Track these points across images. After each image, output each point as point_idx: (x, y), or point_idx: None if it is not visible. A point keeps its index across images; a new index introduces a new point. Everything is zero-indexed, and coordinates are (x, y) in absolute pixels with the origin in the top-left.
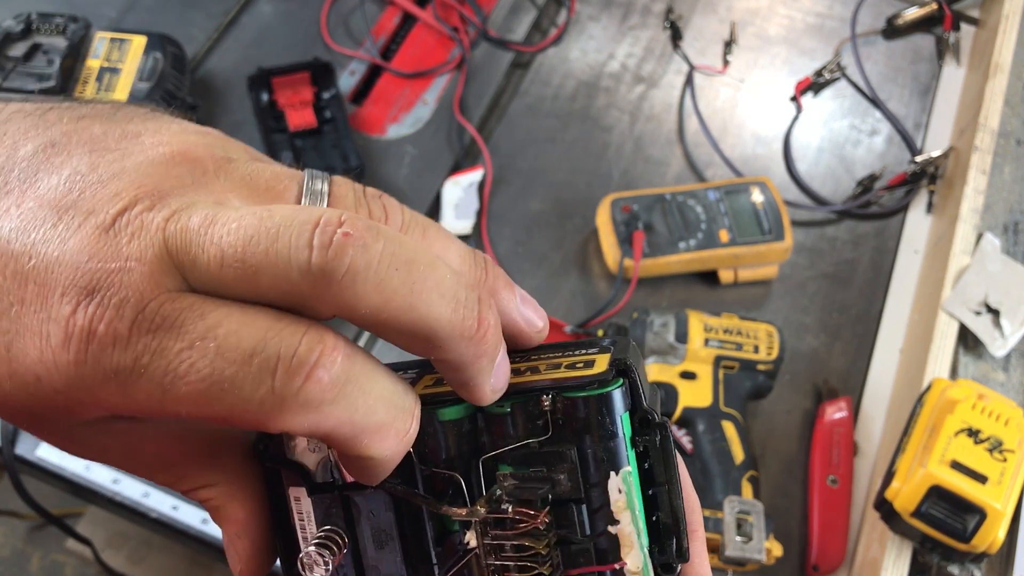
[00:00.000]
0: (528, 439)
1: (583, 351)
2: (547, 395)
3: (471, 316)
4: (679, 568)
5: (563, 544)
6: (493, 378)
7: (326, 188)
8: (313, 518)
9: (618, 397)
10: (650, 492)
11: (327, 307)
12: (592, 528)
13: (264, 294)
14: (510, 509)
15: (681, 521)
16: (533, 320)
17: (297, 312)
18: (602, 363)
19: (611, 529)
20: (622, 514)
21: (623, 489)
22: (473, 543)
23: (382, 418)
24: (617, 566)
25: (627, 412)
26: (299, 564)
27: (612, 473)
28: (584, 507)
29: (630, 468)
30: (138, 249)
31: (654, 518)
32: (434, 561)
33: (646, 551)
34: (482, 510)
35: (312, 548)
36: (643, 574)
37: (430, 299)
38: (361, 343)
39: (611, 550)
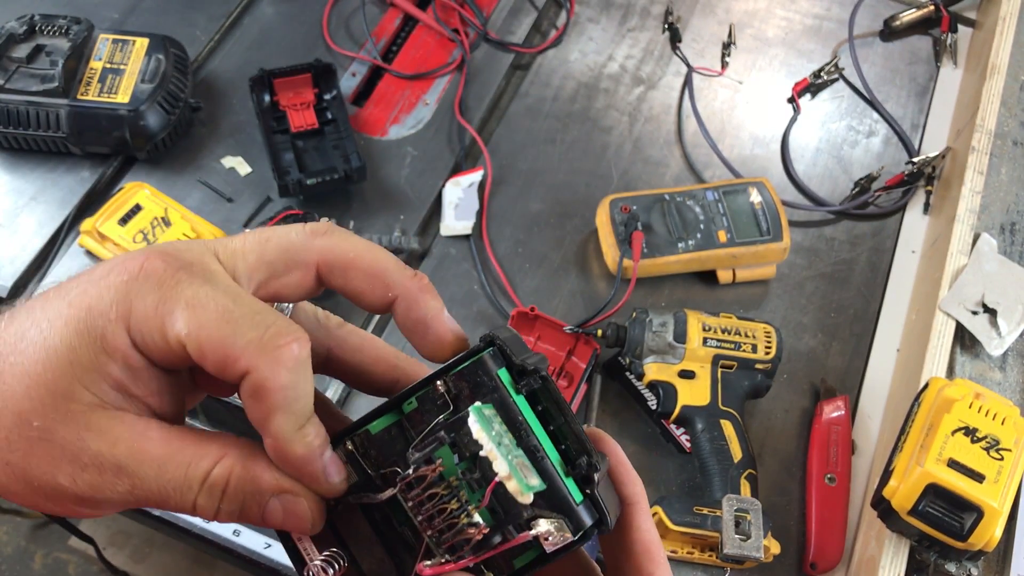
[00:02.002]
0: (437, 419)
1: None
2: (439, 380)
3: (410, 270)
4: (596, 476)
5: (468, 485)
6: (447, 319)
7: None
8: (315, 548)
9: (488, 359)
10: (550, 428)
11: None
12: (480, 465)
13: None
14: (412, 472)
15: (584, 441)
16: (449, 323)
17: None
18: (475, 351)
19: (481, 454)
20: (480, 437)
21: (475, 419)
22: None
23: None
24: (497, 479)
25: (503, 369)
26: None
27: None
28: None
29: (478, 404)
30: None
31: (563, 447)
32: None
33: (509, 459)
34: (392, 490)
35: (318, 562)
36: (513, 475)
37: (383, 255)
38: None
39: (489, 470)
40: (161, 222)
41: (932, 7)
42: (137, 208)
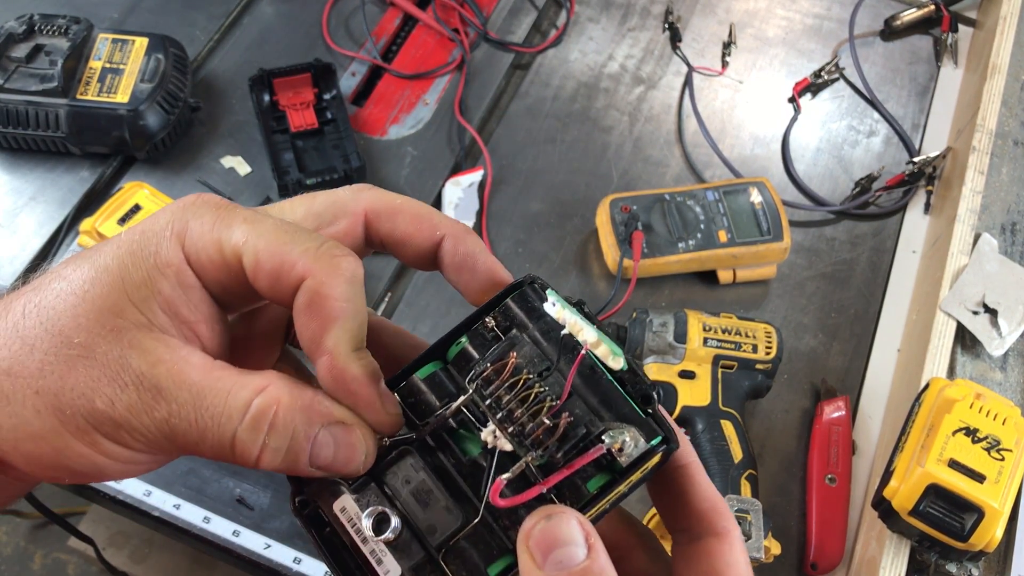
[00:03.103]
0: (497, 343)
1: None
2: (488, 314)
3: (448, 215)
4: (655, 395)
5: (543, 374)
6: (492, 259)
7: None
8: (361, 515)
9: (535, 289)
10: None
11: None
12: (562, 345)
13: None
14: (489, 367)
15: (639, 368)
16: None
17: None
18: (517, 285)
19: (563, 332)
20: (561, 316)
21: (555, 303)
22: (490, 440)
23: None
24: (586, 347)
25: (551, 290)
26: (369, 557)
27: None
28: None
29: (556, 293)
30: None
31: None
32: (478, 485)
33: (596, 328)
34: (469, 392)
35: (371, 534)
36: (602, 340)
37: (425, 205)
38: None
39: (573, 346)
40: None
41: (933, 7)
42: (136, 208)
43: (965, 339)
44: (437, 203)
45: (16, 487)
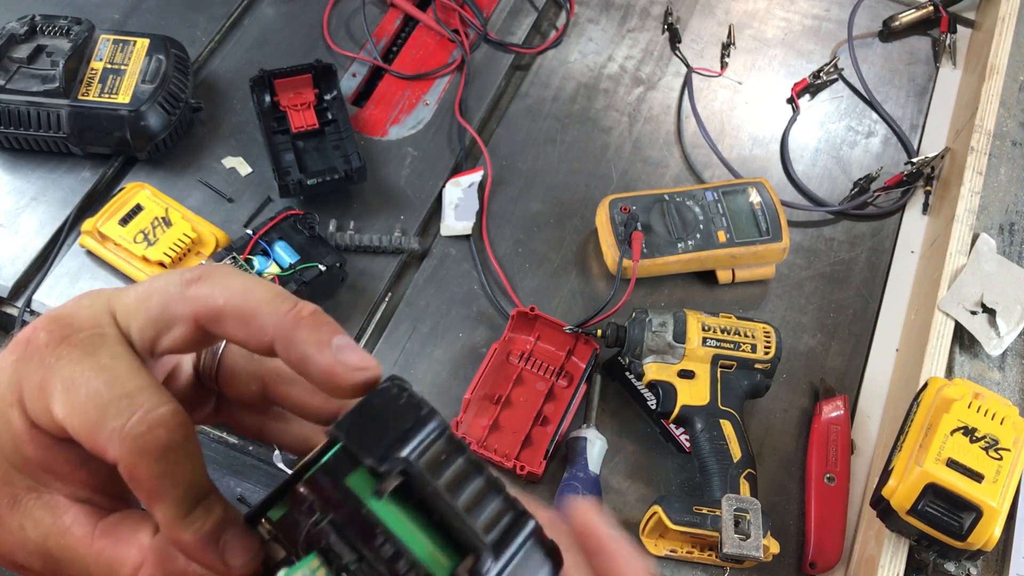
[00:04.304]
0: (307, 525)
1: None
2: (297, 485)
3: (289, 302)
4: (484, 569)
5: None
6: (339, 349)
7: None
8: None
9: (338, 459)
10: (435, 517)
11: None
12: None
13: None
14: None
15: (474, 535)
16: (341, 354)
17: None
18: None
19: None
20: None
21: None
22: None
23: None
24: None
25: (356, 471)
26: None
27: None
28: None
29: (284, 572)
30: None
31: (453, 537)
32: None
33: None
34: None
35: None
36: None
37: (257, 293)
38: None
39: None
40: (162, 222)
41: (931, 8)
42: (138, 208)
43: (963, 339)
44: (437, 203)
45: None
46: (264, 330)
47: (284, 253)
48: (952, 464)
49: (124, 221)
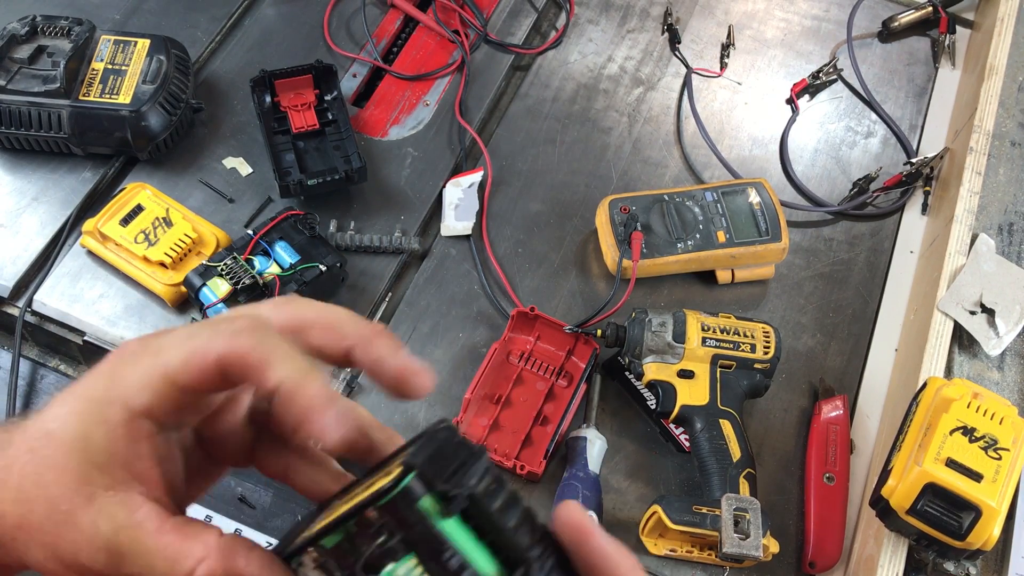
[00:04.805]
0: (373, 547)
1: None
2: (369, 508)
3: (362, 318)
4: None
5: None
6: (405, 358)
7: None
8: None
9: (412, 487)
10: (489, 541)
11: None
12: None
13: None
14: None
15: (520, 549)
16: (409, 364)
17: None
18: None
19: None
20: None
21: None
22: None
23: None
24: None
25: (426, 496)
26: None
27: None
28: None
29: (388, 569)
30: None
31: (503, 556)
32: None
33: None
34: None
35: None
36: None
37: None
38: None
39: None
40: (162, 222)
41: (930, 8)
42: (139, 208)
43: (962, 339)
44: (437, 203)
45: None
46: (345, 337)
47: (285, 253)
48: (951, 464)
49: (125, 221)
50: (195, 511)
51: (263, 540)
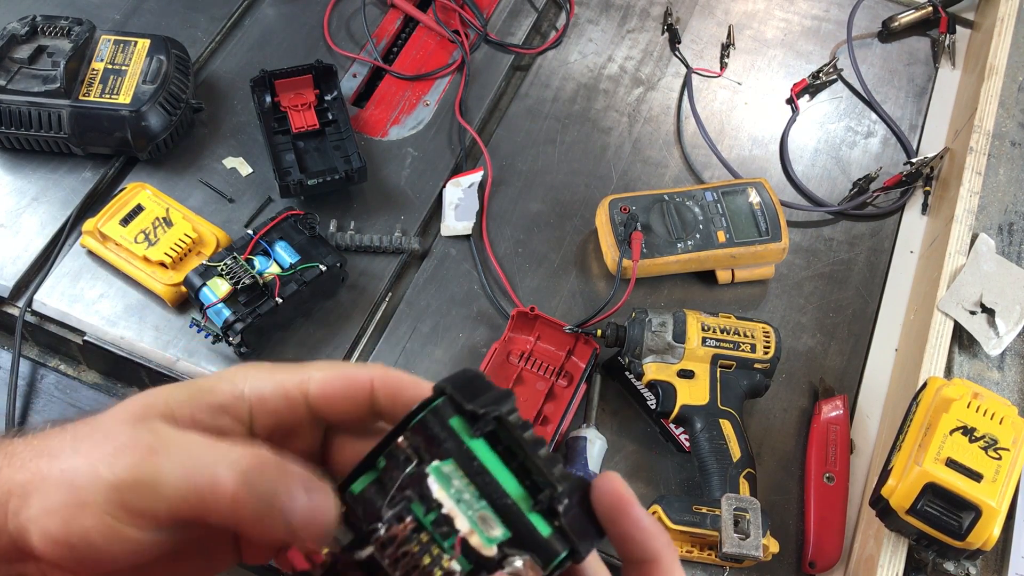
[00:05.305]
0: (403, 475)
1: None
2: (399, 436)
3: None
4: (560, 508)
5: (441, 536)
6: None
7: None
8: None
9: (441, 408)
10: (515, 464)
11: None
12: (447, 520)
13: None
14: (383, 532)
15: (547, 473)
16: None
17: None
18: (427, 402)
19: (443, 511)
20: (440, 496)
21: (434, 479)
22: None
23: None
24: (460, 535)
25: (455, 417)
26: None
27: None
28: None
29: (436, 464)
30: None
31: (528, 482)
32: None
33: (469, 515)
34: (369, 549)
35: None
36: (474, 530)
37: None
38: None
39: (453, 526)
40: (163, 222)
41: (930, 8)
42: (139, 208)
43: (963, 339)
44: (437, 203)
45: None
46: (368, 379)
47: (285, 253)
48: (951, 464)
49: (125, 221)
50: None
51: None
